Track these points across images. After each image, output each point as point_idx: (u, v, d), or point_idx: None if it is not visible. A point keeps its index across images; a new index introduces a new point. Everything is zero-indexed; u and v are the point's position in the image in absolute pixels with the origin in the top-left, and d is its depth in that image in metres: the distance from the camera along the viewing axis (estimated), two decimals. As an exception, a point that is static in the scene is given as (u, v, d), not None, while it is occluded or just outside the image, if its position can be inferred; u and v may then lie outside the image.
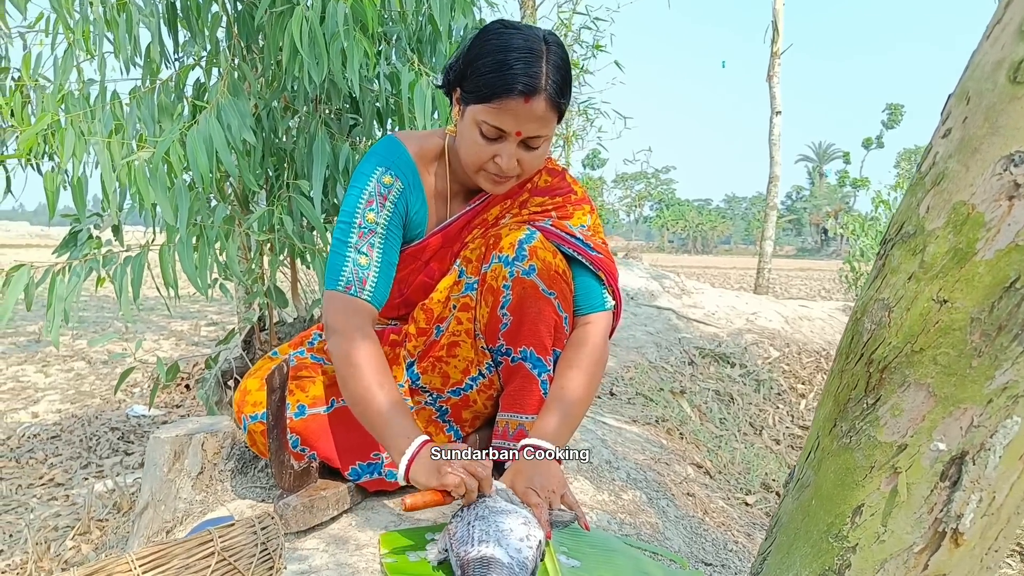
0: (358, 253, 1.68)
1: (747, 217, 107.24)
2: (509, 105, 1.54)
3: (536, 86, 1.53)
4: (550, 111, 1.58)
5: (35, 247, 29.63)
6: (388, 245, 1.72)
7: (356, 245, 1.68)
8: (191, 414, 4.68)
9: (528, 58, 1.54)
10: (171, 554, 0.89)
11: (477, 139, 1.61)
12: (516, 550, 1.34)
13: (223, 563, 0.94)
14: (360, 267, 1.67)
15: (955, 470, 0.90)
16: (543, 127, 1.59)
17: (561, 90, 1.58)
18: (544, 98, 1.55)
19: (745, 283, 19.29)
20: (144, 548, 0.87)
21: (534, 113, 1.56)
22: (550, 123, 1.61)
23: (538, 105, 1.55)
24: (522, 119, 1.56)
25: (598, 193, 35.21)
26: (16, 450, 4.01)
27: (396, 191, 1.73)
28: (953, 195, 0.90)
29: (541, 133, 1.60)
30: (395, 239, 1.75)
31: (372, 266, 1.68)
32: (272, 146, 2.75)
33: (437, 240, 1.80)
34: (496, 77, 1.54)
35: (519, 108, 1.54)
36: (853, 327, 1.02)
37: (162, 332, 7.63)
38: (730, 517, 2.42)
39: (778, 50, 9.92)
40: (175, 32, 2.72)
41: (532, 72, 1.53)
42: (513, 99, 1.53)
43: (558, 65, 1.57)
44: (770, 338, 5.24)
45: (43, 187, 2.36)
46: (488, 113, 1.57)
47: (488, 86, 1.55)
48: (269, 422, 1.58)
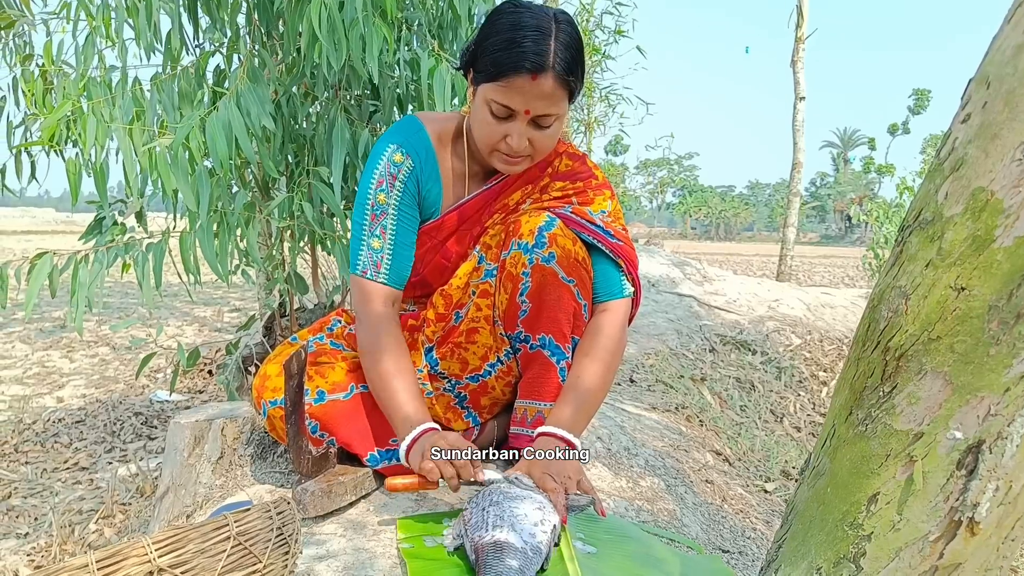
0: (371, 236, 1.73)
1: (770, 204, 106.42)
2: (516, 83, 1.55)
3: (543, 63, 1.54)
4: (559, 89, 1.58)
5: (60, 233, 29.97)
6: (401, 225, 1.75)
7: (370, 228, 1.73)
8: (213, 399, 4.73)
9: (536, 36, 1.54)
10: (187, 538, 0.90)
11: (488, 118, 1.62)
12: (530, 535, 1.35)
13: (239, 547, 0.95)
14: (374, 251, 1.73)
15: (972, 459, 0.89)
16: (552, 105, 1.59)
17: (570, 68, 1.58)
18: (552, 76, 1.55)
19: (768, 270, 19.17)
20: (160, 532, 0.88)
21: (542, 91, 1.56)
22: (559, 102, 1.60)
23: (546, 83, 1.55)
24: (530, 97, 1.57)
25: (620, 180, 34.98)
26: (41, 434, 4.07)
27: (406, 170, 1.74)
28: (972, 181, 0.88)
29: (550, 112, 1.60)
30: (408, 218, 1.77)
31: (385, 248, 1.73)
32: (292, 132, 2.76)
33: (453, 219, 1.81)
34: (504, 55, 1.55)
35: (526, 86, 1.55)
36: (870, 315, 1.01)
37: (185, 318, 7.69)
38: (749, 504, 2.42)
39: (802, 35, 9.79)
40: (195, 18, 2.73)
41: (539, 50, 1.53)
42: (520, 77, 1.54)
43: (567, 43, 1.57)
44: (792, 325, 5.21)
45: (66, 173, 2.39)
46: (497, 91, 1.58)
47: (496, 64, 1.56)
48: (287, 408, 1.60)
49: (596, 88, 7.68)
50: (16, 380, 5.27)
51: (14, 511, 3.14)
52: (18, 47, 2.82)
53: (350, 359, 1.82)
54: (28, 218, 38.95)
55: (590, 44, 7.21)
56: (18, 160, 2.80)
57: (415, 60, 2.70)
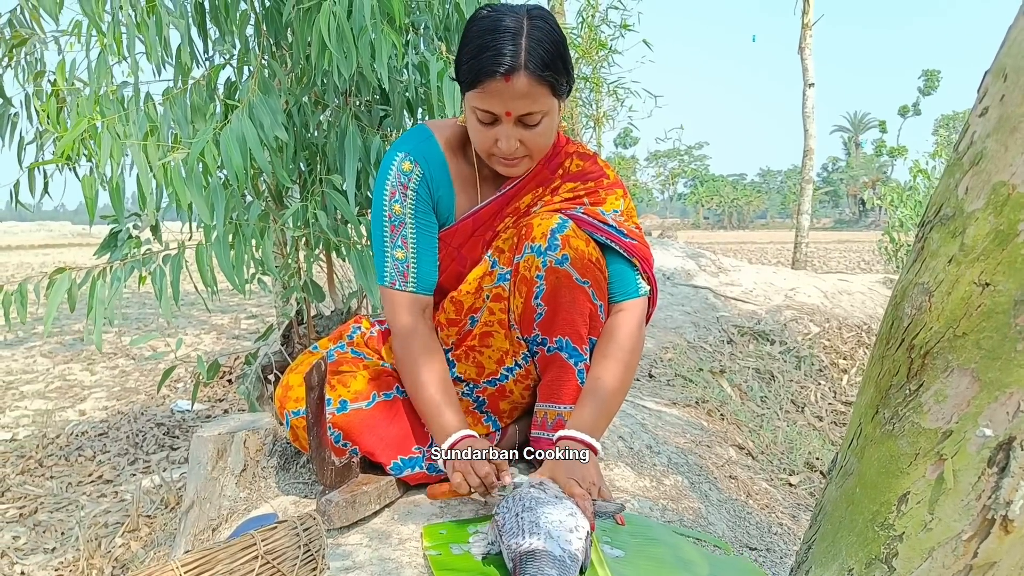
0: (394, 247, 1.75)
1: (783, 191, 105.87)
2: (491, 87, 1.55)
3: (513, 64, 1.53)
4: (535, 86, 1.56)
5: (77, 246, 30.21)
6: (421, 232, 1.76)
7: (391, 239, 1.75)
8: (233, 407, 4.75)
9: (504, 37, 1.54)
10: (215, 559, 0.91)
11: (476, 125, 1.63)
12: (567, 541, 1.35)
13: (267, 566, 0.96)
14: (399, 262, 1.75)
15: (1003, 456, 0.88)
16: (533, 103, 1.58)
17: (545, 63, 1.56)
18: (524, 74, 1.54)
19: (783, 258, 19.07)
20: (189, 554, 0.89)
21: (517, 91, 1.55)
22: (540, 98, 1.59)
23: (519, 82, 1.54)
24: (507, 99, 1.56)
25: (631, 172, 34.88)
26: (65, 448, 4.10)
27: (416, 177, 1.75)
28: (992, 175, 0.87)
29: (532, 110, 1.59)
30: (426, 224, 1.78)
31: (410, 258, 1.75)
32: (304, 141, 2.76)
33: (468, 225, 1.81)
34: (476, 61, 1.56)
35: (501, 88, 1.55)
36: (893, 312, 1.00)
37: (203, 326, 7.74)
38: (774, 499, 2.41)
39: (809, 21, 9.74)
40: (205, 32, 2.75)
41: (507, 50, 1.53)
42: (494, 81, 1.54)
43: (539, 39, 1.56)
44: (809, 314, 5.18)
45: (82, 191, 2.40)
46: (476, 98, 1.59)
47: (471, 71, 1.57)
48: (309, 420, 1.60)
49: (604, 83, 7.66)
50: (39, 394, 5.32)
51: (40, 526, 3.17)
52: (30, 64, 2.84)
53: (372, 367, 1.82)
54: (45, 232, 39.27)
55: (596, 39, 7.19)
56: (31, 177, 2.82)
57: (423, 64, 2.69)
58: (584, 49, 7.21)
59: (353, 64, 2.30)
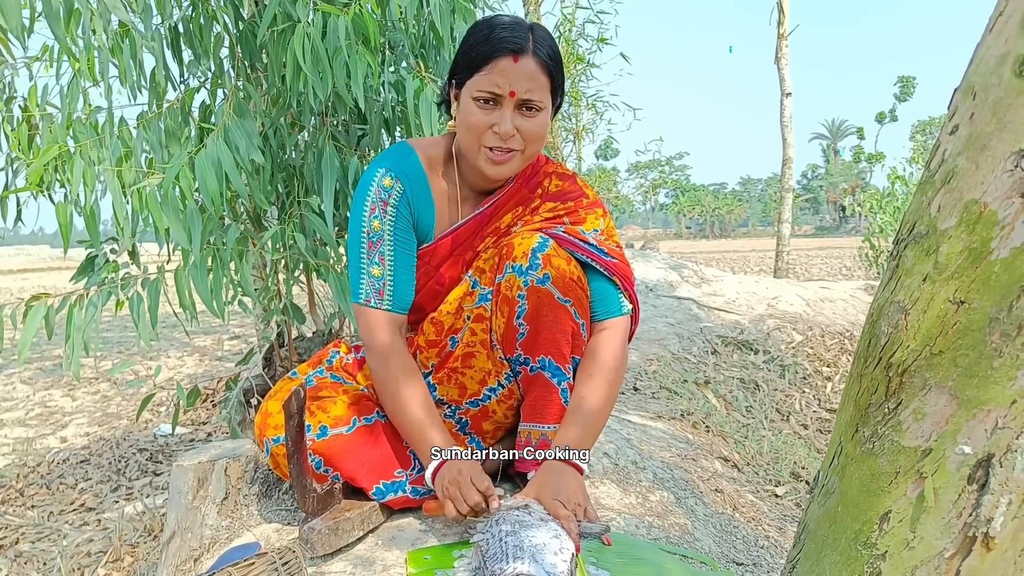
0: (371, 264, 1.73)
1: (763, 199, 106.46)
2: (499, 65, 1.60)
3: (523, 46, 1.60)
4: (541, 73, 1.63)
5: (56, 270, 29.95)
6: (399, 249, 1.75)
7: (368, 256, 1.73)
8: (217, 431, 4.71)
9: (513, 27, 1.62)
10: (194, 597, 0.89)
11: (474, 110, 1.65)
12: (551, 564, 1.34)
13: (246, 602, 0.94)
14: (375, 279, 1.73)
15: (982, 473, 0.88)
16: (536, 90, 1.63)
17: (550, 56, 1.64)
18: (533, 58, 1.61)
19: (765, 266, 19.17)
20: (166, 592, 0.87)
21: (525, 71, 1.61)
22: (543, 88, 1.65)
23: (527, 63, 1.61)
24: (513, 77, 1.61)
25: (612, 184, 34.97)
26: (46, 476, 4.05)
27: (396, 193, 1.74)
28: (964, 193, 0.87)
29: (535, 96, 1.63)
30: (405, 242, 1.77)
31: (386, 275, 1.73)
32: (281, 163, 2.75)
33: (447, 244, 1.80)
34: (484, 45, 1.61)
35: (508, 67, 1.60)
36: (870, 330, 1.00)
37: (185, 348, 7.68)
38: (760, 511, 2.40)
39: (784, 32, 9.83)
40: (180, 55, 2.73)
41: (518, 34, 1.61)
42: (503, 59, 1.60)
43: (544, 37, 1.65)
44: (792, 322, 5.20)
45: (56, 218, 2.38)
46: (481, 80, 1.62)
47: (478, 55, 1.62)
48: (289, 448, 1.58)
49: (583, 96, 7.69)
50: (19, 422, 5.26)
51: (22, 557, 3.12)
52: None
53: (351, 392, 1.80)
54: (24, 256, 38.90)
55: (574, 54, 7.22)
56: (3, 203, 2.79)
57: (400, 82, 2.69)
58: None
59: (329, 85, 2.29)
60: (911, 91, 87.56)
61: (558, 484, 1.56)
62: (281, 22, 2.38)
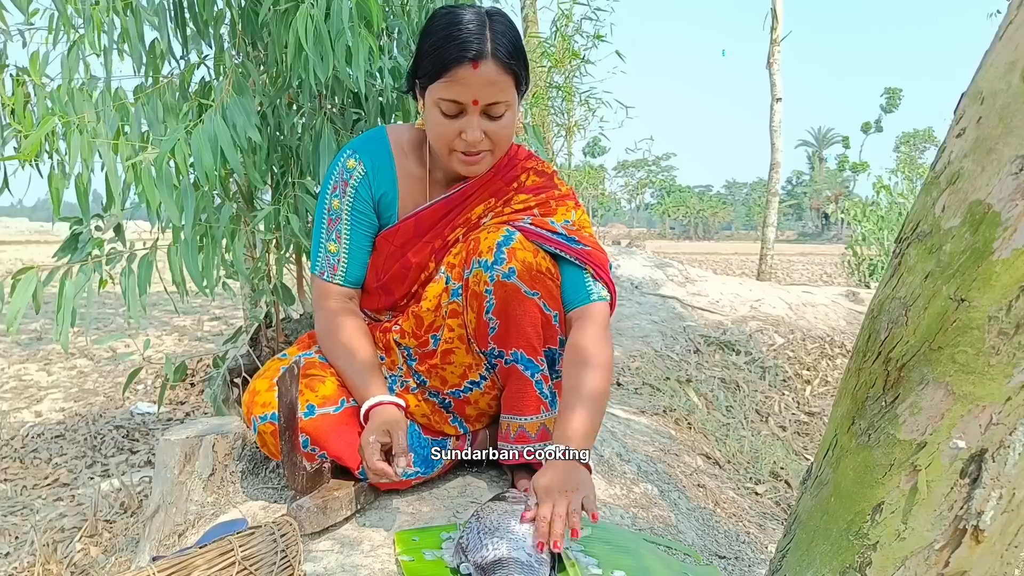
0: (328, 240, 1.81)
1: (748, 203, 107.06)
2: (459, 74, 1.58)
3: (481, 50, 1.58)
4: (503, 74, 1.61)
5: (35, 243, 29.62)
6: (355, 230, 1.81)
7: (327, 232, 1.81)
8: (196, 411, 4.69)
9: (470, 27, 1.59)
10: (192, 565, 0.89)
11: (439, 119, 1.65)
12: (532, 547, 1.36)
13: (244, 572, 0.95)
14: (331, 254, 1.81)
15: (975, 467, 0.90)
16: (499, 92, 1.62)
17: (510, 53, 1.62)
18: (492, 61, 1.59)
19: (747, 269, 19.27)
20: (164, 559, 0.87)
21: (486, 78, 1.59)
22: (506, 88, 1.64)
23: (487, 69, 1.59)
24: (475, 86, 1.59)
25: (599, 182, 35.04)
26: (20, 450, 4.01)
27: (358, 175, 1.79)
28: (969, 194, 0.90)
29: (499, 99, 1.63)
30: (362, 223, 1.82)
31: (341, 252, 1.81)
32: (277, 143, 2.74)
33: (410, 225, 1.82)
34: (443, 51, 1.59)
35: (469, 76, 1.58)
36: (870, 325, 1.02)
37: (164, 328, 7.63)
38: (741, 508, 2.43)
39: (777, 37, 9.88)
40: (183, 29, 2.71)
41: (474, 38, 1.58)
42: (462, 67, 1.58)
43: (503, 31, 1.62)
44: (774, 325, 5.25)
45: (48, 188, 2.36)
46: (442, 88, 1.61)
47: (437, 61, 1.60)
48: (281, 424, 1.59)
49: (576, 92, 7.70)
50: (-6, 395, 5.20)
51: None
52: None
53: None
54: (1, 228, 38.46)
55: (569, 49, 7.23)
56: (-8, 173, 2.76)
57: (396, 68, 2.69)
58: (557, 59, 7.25)
59: (330, 67, 2.29)
60: (897, 103, 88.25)
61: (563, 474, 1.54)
62: (284, 1, 2.37)
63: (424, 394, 1.87)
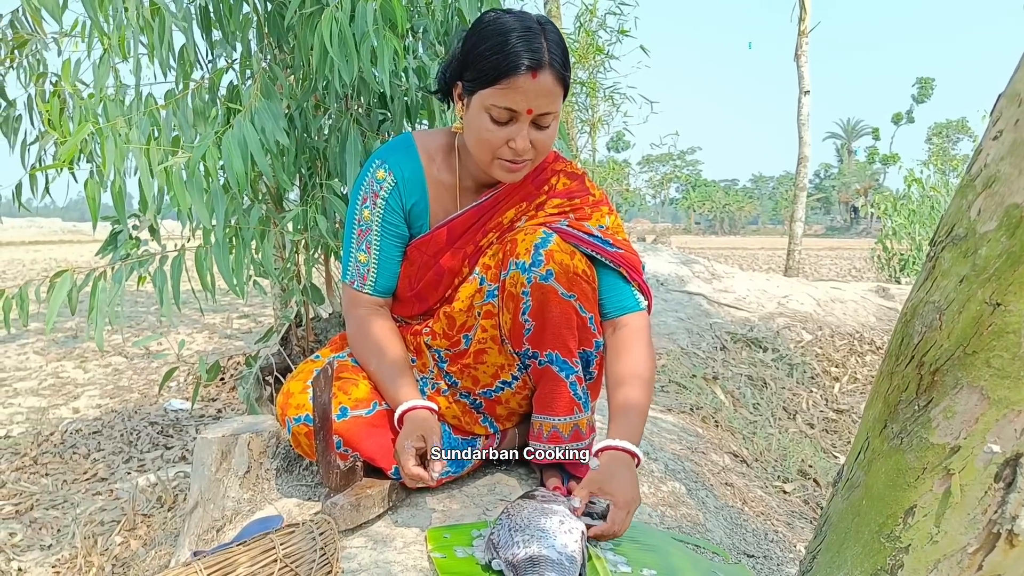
0: (358, 251, 1.82)
1: (774, 197, 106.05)
2: (517, 83, 1.57)
3: (541, 60, 1.57)
4: (557, 85, 1.61)
5: (68, 243, 30.07)
6: (385, 240, 1.81)
7: (357, 242, 1.82)
8: (227, 408, 4.75)
9: (528, 35, 1.58)
10: (236, 561, 0.92)
11: (487, 126, 1.63)
12: (563, 545, 1.38)
13: (285, 569, 0.97)
14: (360, 264, 1.82)
15: (1010, 472, 0.90)
16: (552, 102, 1.62)
17: (564, 63, 1.62)
18: (550, 72, 1.59)
19: (774, 264, 19.14)
20: (210, 556, 0.90)
21: (543, 88, 1.59)
22: (558, 98, 1.64)
23: (545, 79, 1.58)
24: (531, 95, 1.59)
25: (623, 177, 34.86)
26: (59, 446, 4.09)
27: (388, 186, 1.78)
28: (1006, 198, 0.89)
29: (551, 109, 1.63)
30: (392, 235, 1.82)
31: (371, 262, 1.81)
32: (304, 145, 2.77)
33: (443, 234, 1.82)
34: (501, 58, 1.57)
35: (527, 84, 1.57)
36: (903, 329, 1.02)
37: (195, 325, 7.72)
38: (769, 506, 2.42)
39: (805, 29, 9.80)
40: (209, 34, 2.74)
41: (535, 47, 1.57)
42: (521, 76, 1.57)
43: (556, 40, 1.62)
44: (802, 321, 5.22)
45: (85, 195, 2.40)
46: (497, 95, 1.60)
47: (494, 68, 1.58)
48: (316, 424, 1.61)
49: (600, 87, 7.68)
50: (32, 391, 5.30)
51: (36, 523, 3.16)
52: (32, 66, 2.84)
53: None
54: (35, 228, 39.01)
55: (593, 44, 7.22)
56: (32, 178, 2.82)
57: (422, 68, 2.71)
58: (581, 54, 7.24)
59: (355, 70, 2.31)
60: (929, 92, 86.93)
61: (614, 473, 1.57)
62: (310, 5, 2.40)
63: (455, 395, 1.88)
